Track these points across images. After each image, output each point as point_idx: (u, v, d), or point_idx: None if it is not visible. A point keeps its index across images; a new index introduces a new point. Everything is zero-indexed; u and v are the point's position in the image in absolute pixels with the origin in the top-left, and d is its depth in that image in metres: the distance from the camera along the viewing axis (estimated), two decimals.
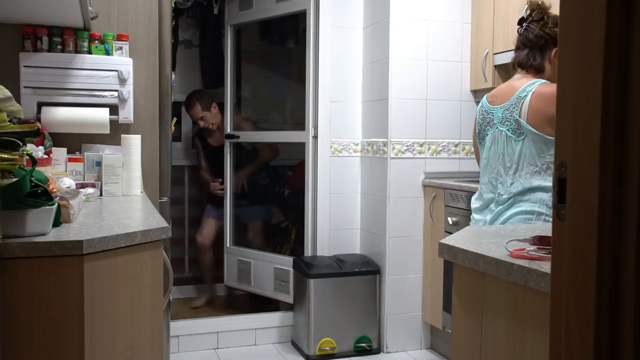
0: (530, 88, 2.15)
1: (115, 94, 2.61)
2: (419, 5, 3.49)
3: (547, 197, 2.12)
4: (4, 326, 1.38)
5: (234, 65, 4.27)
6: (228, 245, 4.30)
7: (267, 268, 3.96)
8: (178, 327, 3.45)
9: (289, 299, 3.75)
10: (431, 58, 3.54)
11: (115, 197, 2.47)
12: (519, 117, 2.14)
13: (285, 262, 3.80)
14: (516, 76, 2.27)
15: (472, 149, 3.60)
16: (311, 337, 3.41)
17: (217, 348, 3.56)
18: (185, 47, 4.77)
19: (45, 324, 1.43)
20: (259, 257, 4.05)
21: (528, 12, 2.26)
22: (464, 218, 3.10)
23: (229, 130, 4.24)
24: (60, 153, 2.48)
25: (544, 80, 2.18)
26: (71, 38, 2.58)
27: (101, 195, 2.49)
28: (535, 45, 2.21)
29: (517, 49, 2.28)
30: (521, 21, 2.27)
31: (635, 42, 0.74)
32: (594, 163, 0.77)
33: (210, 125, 4.27)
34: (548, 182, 2.11)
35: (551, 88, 2.12)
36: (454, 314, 1.46)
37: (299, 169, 4.04)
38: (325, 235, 3.71)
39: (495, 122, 2.24)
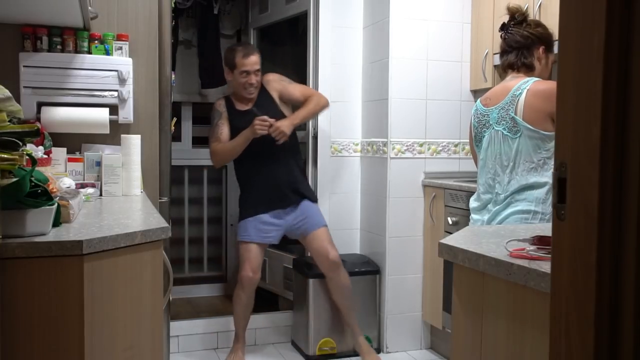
0: (524, 86, 2.19)
1: (115, 94, 2.61)
2: (418, 5, 3.49)
3: (543, 194, 2.15)
4: (4, 326, 1.38)
5: None
6: None
7: (278, 266, 4.01)
8: (178, 327, 3.45)
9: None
10: (431, 58, 3.54)
11: (115, 197, 2.47)
12: (515, 114, 2.18)
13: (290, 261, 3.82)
14: (508, 77, 2.35)
15: None
16: (311, 337, 3.41)
17: (217, 348, 3.56)
18: (185, 47, 4.77)
19: (45, 324, 1.43)
20: (272, 256, 4.08)
21: (508, 17, 2.35)
22: (464, 218, 3.09)
23: None
24: (60, 153, 2.48)
25: (537, 78, 2.23)
26: (71, 38, 2.58)
27: (101, 195, 2.49)
28: (523, 45, 2.30)
29: (504, 52, 2.37)
30: (503, 27, 2.36)
31: (635, 42, 0.74)
32: (594, 163, 0.77)
33: (254, 88, 3.28)
34: (544, 178, 2.15)
35: (546, 85, 2.17)
36: (454, 314, 1.46)
37: None
38: None
39: (491, 123, 2.28)
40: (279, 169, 3.27)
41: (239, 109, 3.31)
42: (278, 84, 3.37)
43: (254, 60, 3.24)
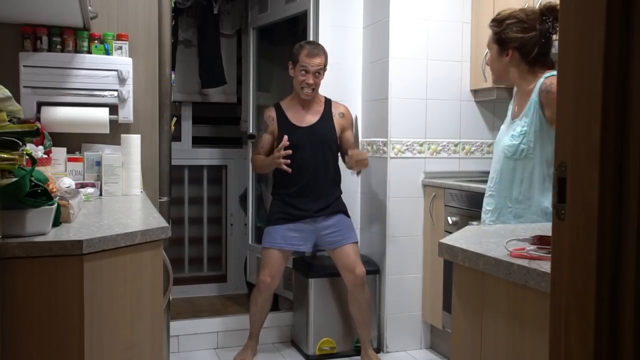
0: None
1: (115, 93, 2.61)
2: (419, 5, 3.49)
3: None
4: (4, 326, 1.38)
5: (255, 66, 4.34)
6: (250, 242, 4.32)
7: None
8: (178, 327, 3.45)
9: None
10: (431, 58, 3.54)
11: (115, 197, 2.47)
12: None
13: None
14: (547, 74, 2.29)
15: (472, 148, 3.63)
16: (311, 336, 3.41)
17: (217, 348, 3.56)
18: (185, 47, 4.77)
19: (45, 324, 1.43)
20: None
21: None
22: (464, 218, 3.09)
23: (251, 130, 4.25)
24: (60, 153, 2.48)
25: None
26: (71, 38, 2.58)
27: (101, 195, 2.49)
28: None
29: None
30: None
31: (635, 42, 0.74)
32: (594, 163, 0.76)
33: (311, 90, 3.25)
34: None
35: None
36: (454, 314, 1.46)
37: None
38: None
39: None
40: (318, 181, 3.27)
41: (293, 122, 3.28)
42: (347, 120, 3.37)
43: (317, 62, 3.21)
